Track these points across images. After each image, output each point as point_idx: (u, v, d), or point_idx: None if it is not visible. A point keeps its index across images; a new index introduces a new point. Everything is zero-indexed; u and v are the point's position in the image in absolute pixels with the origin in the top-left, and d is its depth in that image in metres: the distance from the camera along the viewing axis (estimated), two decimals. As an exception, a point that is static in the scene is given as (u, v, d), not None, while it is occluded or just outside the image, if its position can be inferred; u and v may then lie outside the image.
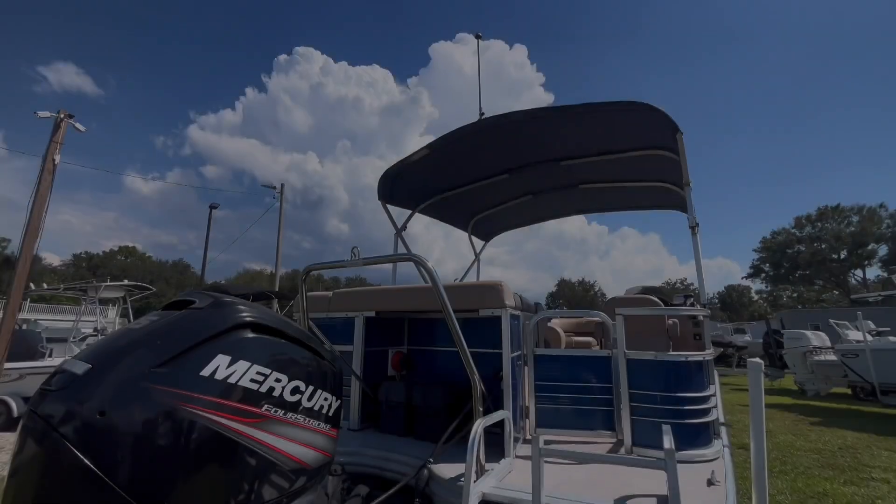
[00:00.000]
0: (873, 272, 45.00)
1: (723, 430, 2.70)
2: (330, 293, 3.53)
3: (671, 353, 2.64)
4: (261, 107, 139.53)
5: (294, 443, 1.63)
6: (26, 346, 9.02)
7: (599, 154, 4.14)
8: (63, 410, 1.20)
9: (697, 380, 2.55)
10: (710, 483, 2.05)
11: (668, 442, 1.58)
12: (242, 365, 1.47)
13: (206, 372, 1.39)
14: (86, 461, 1.16)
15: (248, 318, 1.54)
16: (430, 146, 3.93)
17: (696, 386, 2.53)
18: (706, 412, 2.52)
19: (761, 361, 2.28)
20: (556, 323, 4.80)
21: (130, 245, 67.24)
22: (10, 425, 8.25)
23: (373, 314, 3.22)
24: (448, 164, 4.40)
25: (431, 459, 2.36)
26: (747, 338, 25.29)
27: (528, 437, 2.92)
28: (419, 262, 2.17)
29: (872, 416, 11.85)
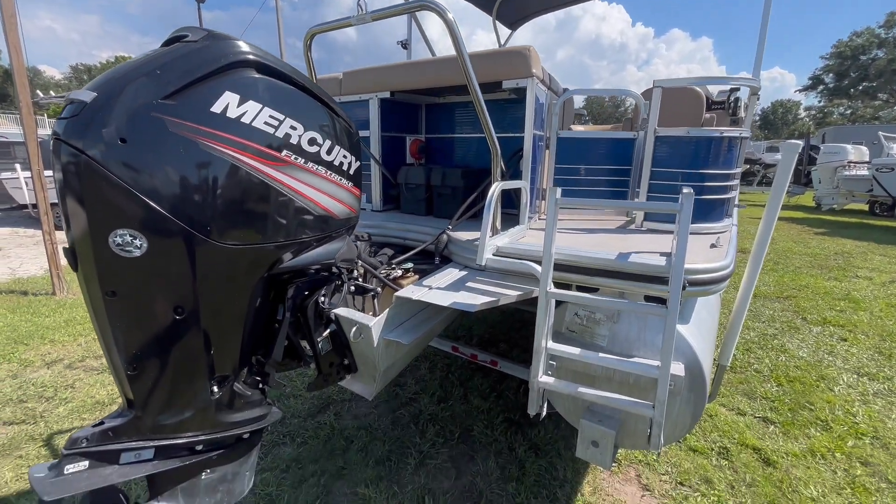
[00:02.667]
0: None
1: (735, 210, 2.74)
2: (340, 74, 3.26)
3: (706, 127, 2.48)
4: None
5: (319, 192, 1.70)
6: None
7: None
8: (85, 136, 1.21)
9: (727, 158, 2.45)
10: (713, 246, 2.16)
11: (686, 194, 1.58)
12: (253, 106, 1.41)
13: (216, 108, 1.33)
14: (123, 183, 1.22)
15: (250, 56, 1.41)
16: None
17: (725, 164, 2.45)
18: (727, 189, 2.51)
19: (798, 142, 2.14)
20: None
21: (126, 55, 63.22)
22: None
23: (388, 94, 3.02)
24: None
25: (450, 227, 2.52)
26: (778, 156, 24.24)
27: (543, 216, 3.05)
28: (439, 11, 1.86)
29: (881, 228, 12.07)
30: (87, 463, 1.43)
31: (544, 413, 1.87)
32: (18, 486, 2.72)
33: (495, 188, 1.99)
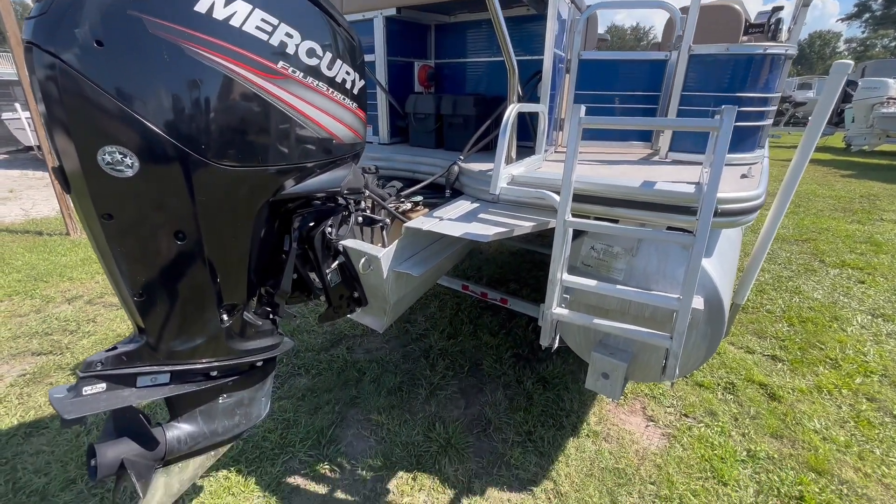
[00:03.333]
0: None
1: (766, 141, 2.55)
2: (341, -11, 2.96)
3: (747, 44, 2.23)
4: None
5: (321, 111, 1.57)
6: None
7: None
8: (56, 38, 1.08)
9: (767, 81, 2.23)
10: (743, 176, 2.02)
11: (727, 108, 1.42)
12: (242, 6, 1.25)
13: (200, 8, 1.18)
14: (105, 93, 1.11)
15: (233, -55, 1.22)
16: None
17: (765, 87, 2.22)
18: (763, 116, 2.31)
19: (849, 62, 1.90)
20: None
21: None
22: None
23: (393, 12, 2.75)
24: None
25: (462, 157, 2.39)
26: (810, 94, 22.69)
27: (560, 149, 2.88)
28: None
29: (912, 169, 11.49)
30: (104, 385, 1.46)
31: (556, 346, 1.86)
32: (51, 410, 2.88)
33: (512, 110, 1.84)
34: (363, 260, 1.84)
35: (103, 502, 2.25)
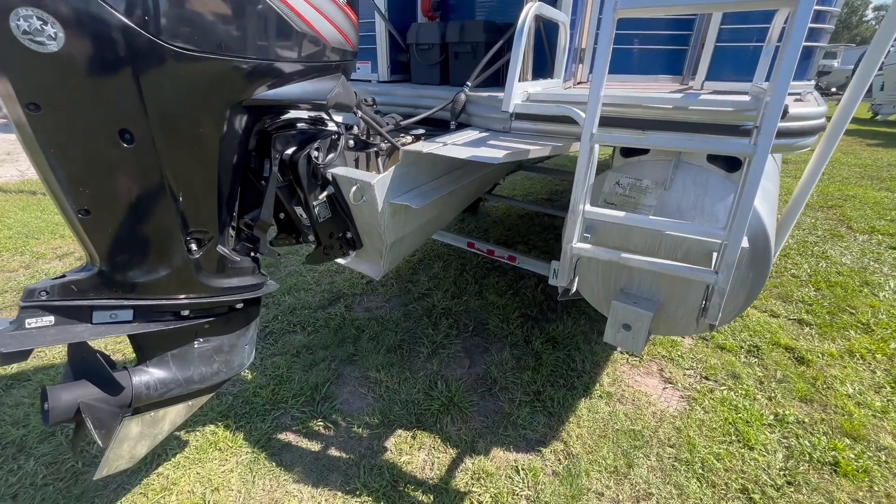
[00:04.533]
0: None
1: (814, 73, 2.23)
2: None
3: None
4: None
5: (306, 3, 1.30)
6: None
7: None
8: None
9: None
10: (797, 99, 1.73)
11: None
12: None
13: None
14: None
15: None
16: None
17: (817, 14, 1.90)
18: (821, 35, 1.99)
19: None
20: None
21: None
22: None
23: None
24: None
25: (469, 84, 2.11)
26: (835, 63, 21.61)
27: (580, 84, 2.58)
28: None
29: (944, 138, 10.92)
30: (52, 318, 1.26)
31: (574, 288, 1.63)
32: (35, 362, 2.74)
33: (529, 10, 1.55)
34: (354, 188, 1.61)
35: (84, 456, 2.11)
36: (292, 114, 1.65)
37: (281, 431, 2.26)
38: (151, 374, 1.51)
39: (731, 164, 1.62)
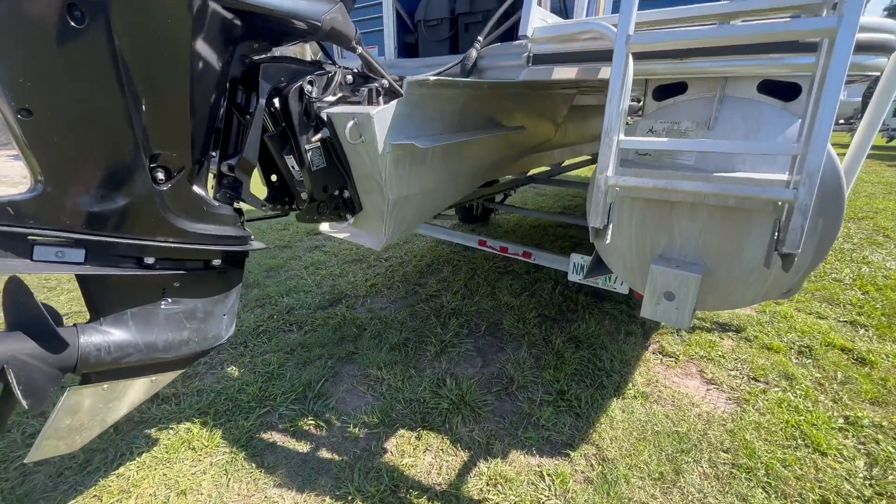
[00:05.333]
0: None
1: None
2: None
3: None
4: None
5: None
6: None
7: None
8: None
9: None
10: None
11: None
12: None
13: None
14: None
15: None
16: None
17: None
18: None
19: None
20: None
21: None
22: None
23: None
24: None
25: (480, 40, 1.94)
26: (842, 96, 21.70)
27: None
28: None
29: (967, 159, 10.63)
30: (-22, 247, 1.04)
31: (608, 238, 1.37)
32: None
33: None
34: (351, 124, 1.40)
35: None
36: (283, 50, 1.49)
37: (265, 430, 1.96)
38: (105, 335, 1.26)
39: (788, 92, 1.40)
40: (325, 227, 2.23)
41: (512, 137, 2.30)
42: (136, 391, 1.41)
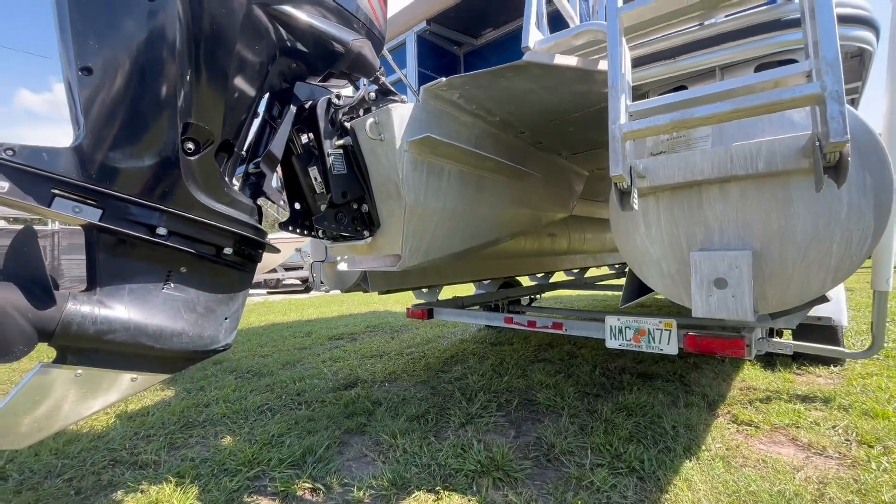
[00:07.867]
0: None
1: None
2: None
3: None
4: None
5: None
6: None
7: None
8: None
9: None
10: None
11: None
12: None
13: None
14: None
15: None
16: None
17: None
18: None
19: None
20: None
21: None
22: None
23: (424, 25, 2.99)
24: None
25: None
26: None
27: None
28: None
29: None
30: (6, 185, 1.07)
31: (634, 195, 1.27)
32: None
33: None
34: (371, 121, 1.51)
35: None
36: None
37: (251, 494, 1.59)
38: (95, 305, 1.17)
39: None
40: (342, 266, 2.19)
41: (528, 190, 2.35)
42: (112, 387, 1.24)
